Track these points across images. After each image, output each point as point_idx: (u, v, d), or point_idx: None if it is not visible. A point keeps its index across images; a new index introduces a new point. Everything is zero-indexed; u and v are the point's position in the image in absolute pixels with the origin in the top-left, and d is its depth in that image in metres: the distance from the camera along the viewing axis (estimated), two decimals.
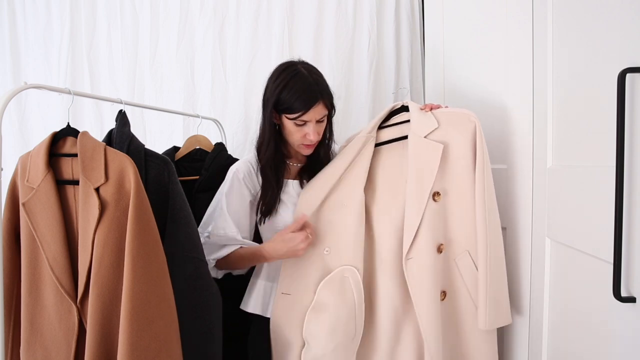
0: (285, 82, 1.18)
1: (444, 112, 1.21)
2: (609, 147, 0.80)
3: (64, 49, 2.02)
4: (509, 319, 1.15)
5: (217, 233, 1.22)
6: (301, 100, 1.16)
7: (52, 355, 1.04)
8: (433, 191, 1.14)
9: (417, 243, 1.13)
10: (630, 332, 0.79)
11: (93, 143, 1.04)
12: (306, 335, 1.17)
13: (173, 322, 1.02)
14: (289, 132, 1.22)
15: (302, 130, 1.20)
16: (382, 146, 1.28)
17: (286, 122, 1.21)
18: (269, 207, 1.25)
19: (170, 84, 2.00)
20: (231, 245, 1.23)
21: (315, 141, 1.23)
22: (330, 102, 1.23)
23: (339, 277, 1.17)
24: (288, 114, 1.18)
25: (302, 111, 1.16)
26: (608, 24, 0.85)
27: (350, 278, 1.17)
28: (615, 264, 0.78)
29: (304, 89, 1.17)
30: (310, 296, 1.18)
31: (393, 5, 1.90)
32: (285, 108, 1.18)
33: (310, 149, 1.26)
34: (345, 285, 1.16)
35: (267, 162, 1.25)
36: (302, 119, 1.17)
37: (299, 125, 1.19)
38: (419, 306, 1.12)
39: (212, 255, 1.23)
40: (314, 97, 1.16)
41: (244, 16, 1.95)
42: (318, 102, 1.17)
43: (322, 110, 1.20)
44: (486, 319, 1.10)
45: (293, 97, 1.16)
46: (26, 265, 1.04)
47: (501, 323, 1.15)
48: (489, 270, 1.10)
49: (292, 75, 1.19)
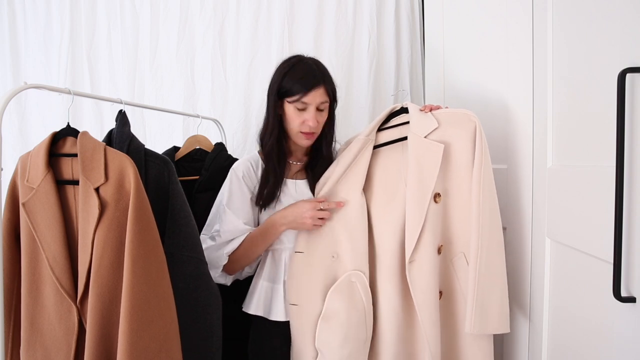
0: (289, 68, 1.22)
1: (443, 112, 1.20)
2: (609, 147, 0.80)
3: (64, 49, 2.02)
4: (503, 327, 1.11)
5: (227, 228, 1.22)
6: (302, 82, 1.18)
7: (52, 355, 1.04)
8: (434, 192, 1.13)
9: (419, 246, 1.12)
10: (630, 332, 0.79)
11: (93, 143, 1.04)
12: (319, 345, 1.16)
13: (173, 322, 1.02)
14: (289, 118, 1.22)
15: (302, 116, 1.20)
16: (381, 148, 1.27)
17: (287, 108, 1.21)
18: (270, 195, 1.24)
19: (170, 84, 2.00)
20: (241, 236, 1.23)
21: (313, 128, 1.21)
22: (332, 90, 1.24)
23: (347, 283, 1.16)
24: (289, 97, 1.19)
25: (302, 92, 1.17)
26: (608, 24, 0.85)
27: (357, 283, 1.16)
28: (615, 264, 0.78)
29: (305, 71, 1.20)
30: (317, 304, 1.18)
31: (393, 5, 1.90)
32: (286, 91, 1.20)
33: (309, 139, 1.24)
34: (353, 291, 1.16)
35: (272, 148, 1.25)
36: (302, 100, 1.18)
37: (299, 110, 1.20)
38: (421, 308, 1.12)
39: (224, 250, 1.22)
40: (315, 80, 1.19)
41: (244, 16, 1.95)
42: (319, 86, 1.19)
43: (324, 95, 1.21)
44: (471, 322, 1.08)
45: (294, 79, 1.19)
46: (26, 265, 1.04)
47: (491, 329, 1.11)
48: (478, 272, 1.08)
49: (295, 62, 1.23)
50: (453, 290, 1.18)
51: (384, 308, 1.17)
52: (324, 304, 1.17)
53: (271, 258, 1.28)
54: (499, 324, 1.11)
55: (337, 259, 1.19)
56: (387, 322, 1.16)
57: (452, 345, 1.19)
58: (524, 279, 1.19)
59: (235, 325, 1.30)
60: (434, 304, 1.12)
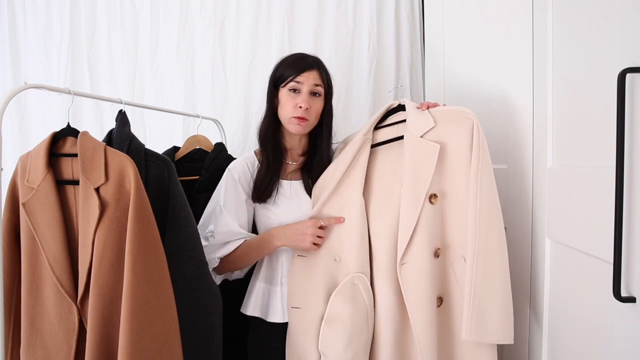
0: (283, 58, 1.28)
1: (441, 110, 1.18)
2: (609, 147, 0.80)
3: (64, 49, 2.03)
4: (505, 336, 1.05)
5: (221, 230, 1.22)
6: (295, 64, 1.23)
7: (52, 355, 1.04)
8: (430, 193, 1.11)
9: (412, 247, 1.10)
10: (630, 332, 0.79)
11: (93, 143, 1.04)
12: (322, 348, 1.14)
13: (173, 322, 1.02)
14: (283, 104, 1.24)
15: (295, 99, 1.21)
16: (378, 147, 1.25)
17: (282, 94, 1.24)
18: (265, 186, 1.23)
19: (170, 84, 2.00)
20: (236, 240, 1.22)
21: (306, 112, 1.21)
22: (327, 77, 1.27)
23: (350, 286, 1.16)
24: (283, 81, 1.22)
25: (295, 73, 1.21)
26: (608, 24, 0.85)
27: (360, 285, 1.16)
28: (615, 264, 0.78)
29: (299, 56, 1.26)
30: (320, 307, 1.16)
31: (393, 5, 1.90)
32: (279, 76, 1.24)
33: (300, 125, 1.22)
34: (356, 293, 1.15)
35: (266, 134, 1.27)
36: (296, 80, 1.21)
37: (292, 92, 1.22)
38: (413, 313, 1.10)
39: (217, 253, 1.22)
40: (308, 63, 1.23)
41: (244, 16, 1.95)
42: (313, 69, 1.23)
43: (317, 79, 1.23)
44: (467, 327, 1.04)
45: (288, 64, 1.24)
46: (26, 265, 1.04)
47: (491, 338, 1.06)
48: (475, 274, 1.05)
49: (292, 53, 1.29)
50: (454, 296, 1.14)
51: (381, 309, 1.16)
52: (327, 307, 1.16)
53: (268, 260, 1.28)
54: (500, 333, 1.05)
55: (339, 261, 1.18)
56: (385, 323, 1.15)
57: (452, 355, 1.16)
58: (524, 279, 1.19)
59: (234, 326, 1.30)
60: (427, 310, 1.10)
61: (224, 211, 1.22)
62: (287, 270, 1.25)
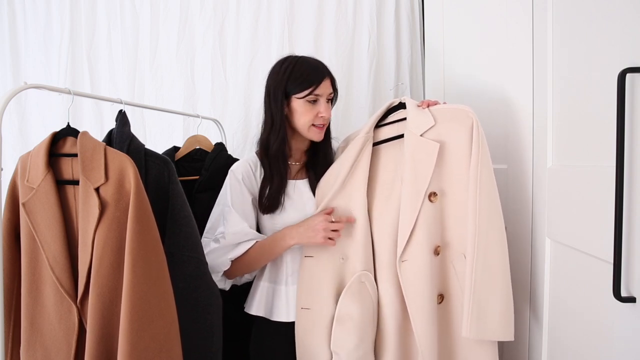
0: (292, 67, 1.22)
1: (441, 108, 1.18)
2: (609, 147, 0.80)
3: (64, 49, 2.02)
4: (505, 333, 1.06)
5: (232, 230, 1.20)
6: (312, 75, 1.20)
7: (52, 355, 1.04)
8: (429, 192, 1.12)
9: (411, 245, 1.11)
10: (630, 332, 0.79)
11: (93, 143, 1.04)
12: (335, 347, 1.15)
13: (173, 322, 1.02)
14: (300, 114, 1.21)
15: (314, 109, 1.21)
16: (379, 145, 1.27)
17: (296, 105, 1.21)
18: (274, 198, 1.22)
19: (170, 84, 2.00)
20: (248, 241, 1.21)
21: (327, 119, 1.24)
22: (334, 83, 1.27)
23: (357, 284, 1.17)
24: (299, 92, 1.20)
25: (314, 84, 1.19)
26: (608, 24, 0.85)
27: (366, 283, 1.17)
28: (615, 264, 0.78)
29: (312, 66, 1.23)
30: (330, 307, 1.17)
31: (393, 5, 1.90)
32: (295, 87, 1.20)
33: (321, 132, 1.25)
34: (363, 291, 1.17)
35: (279, 148, 1.23)
36: (315, 93, 1.19)
37: (310, 103, 1.21)
38: (412, 309, 1.11)
39: (230, 255, 1.21)
40: (323, 71, 1.23)
41: (244, 16, 1.95)
42: (326, 77, 1.23)
43: (330, 87, 1.24)
44: (468, 324, 1.05)
45: (303, 75, 1.20)
46: (26, 265, 1.04)
47: (491, 335, 1.06)
48: (475, 271, 1.05)
49: (295, 60, 1.24)
50: (454, 293, 1.15)
51: (384, 306, 1.17)
52: (337, 307, 1.16)
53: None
54: (500, 330, 1.06)
55: (345, 261, 1.19)
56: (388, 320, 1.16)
57: (452, 352, 1.16)
58: (524, 279, 1.19)
59: (235, 326, 1.30)
60: (427, 307, 1.10)
61: (233, 211, 1.21)
62: (291, 269, 1.25)
